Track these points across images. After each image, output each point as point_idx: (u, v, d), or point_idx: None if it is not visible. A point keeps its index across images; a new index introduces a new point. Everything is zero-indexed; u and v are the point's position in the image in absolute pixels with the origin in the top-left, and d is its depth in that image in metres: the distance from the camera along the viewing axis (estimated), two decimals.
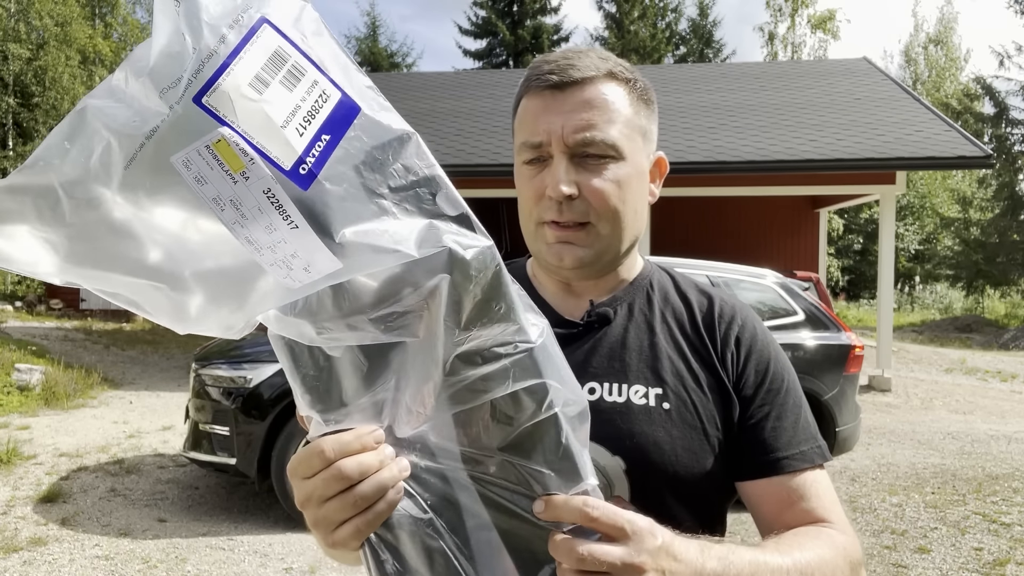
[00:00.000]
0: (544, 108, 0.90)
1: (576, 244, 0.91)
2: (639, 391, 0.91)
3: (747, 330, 0.98)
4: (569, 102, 0.89)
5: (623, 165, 0.91)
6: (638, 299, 0.99)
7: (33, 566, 4.05)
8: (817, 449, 0.93)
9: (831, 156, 9.74)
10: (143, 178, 0.52)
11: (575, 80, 0.89)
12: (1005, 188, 21.97)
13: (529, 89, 0.93)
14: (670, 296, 1.01)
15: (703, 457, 0.89)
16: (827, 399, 5.16)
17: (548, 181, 0.89)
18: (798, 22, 30.10)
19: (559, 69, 0.90)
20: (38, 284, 22.67)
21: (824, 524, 0.88)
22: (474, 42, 33.05)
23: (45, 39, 24.33)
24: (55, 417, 7.71)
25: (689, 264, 5.57)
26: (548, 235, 0.92)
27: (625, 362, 0.93)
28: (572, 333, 0.95)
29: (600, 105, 0.89)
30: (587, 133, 0.88)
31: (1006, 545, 4.44)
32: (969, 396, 9.73)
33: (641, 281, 1.01)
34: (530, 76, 0.93)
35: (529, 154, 0.92)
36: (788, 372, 0.97)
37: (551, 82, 0.90)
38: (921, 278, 28.45)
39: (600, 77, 0.90)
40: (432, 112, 12.57)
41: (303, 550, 4.32)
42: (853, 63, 14.41)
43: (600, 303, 0.97)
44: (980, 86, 22.89)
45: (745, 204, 13.82)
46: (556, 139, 0.89)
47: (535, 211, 0.92)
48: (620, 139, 0.90)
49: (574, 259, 0.92)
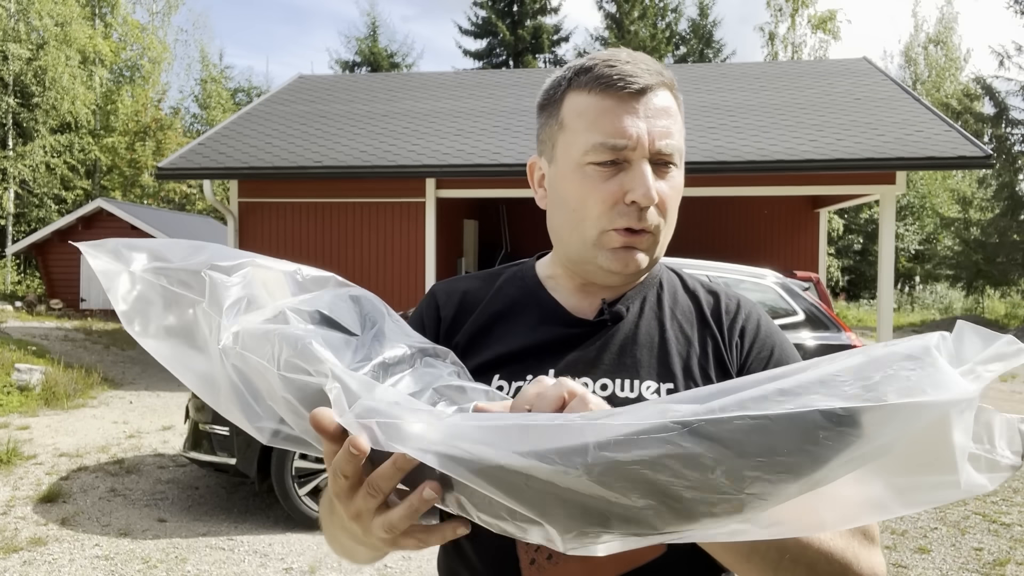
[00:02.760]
0: (624, 111, 0.89)
1: (640, 250, 0.92)
2: (651, 386, 0.93)
3: (751, 320, 1.00)
4: (649, 108, 0.89)
5: (680, 173, 0.93)
6: (649, 297, 1.01)
7: (33, 566, 4.05)
8: None
9: (831, 156, 9.74)
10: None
11: (650, 86, 0.89)
12: (1005, 188, 21.96)
13: (599, 87, 0.90)
14: (678, 293, 1.03)
15: None
16: None
17: (633, 186, 0.88)
18: (798, 22, 30.11)
19: (636, 72, 0.89)
20: (38, 284, 22.67)
21: None
22: (474, 42, 33.07)
23: (45, 39, 24.32)
24: (55, 417, 7.71)
25: (689, 264, 5.57)
26: (614, 240, 0.91)
27: (637, 358, 0.95)
28: (584, 332, 0.96)
29: (672, 113, 0.91)
30: (668, 140, 0.89)
31: (1006, 545, 4.44)
32: None
33: (651, 280, 1.03)
34: (600, 75, 0.90)
35: (607, 155, 0.89)
36: (793, 359, 0.98)
37: (633, 86, 0.89)
38: (921, 278, 28.44)
39: (665, 84, 0.92)
40: (432, 112, 12.57)
41: (303, 550, 4.32)
42: (853, 63, 14.40)
43: (612, 301, 0.98)
44: (980, 86, 22.87)
45: (745, 204, 13.82)
46: (642, 144, 0.88)
47: (605, 216, 0.90)
48: (682, 148, 0.92)
49: (637, 265, 0.92)
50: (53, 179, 25.56)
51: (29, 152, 24.51)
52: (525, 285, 1.03)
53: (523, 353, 0.95)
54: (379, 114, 12.67)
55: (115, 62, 28.92)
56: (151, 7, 30.89)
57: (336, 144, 11.23)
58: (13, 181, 24.42)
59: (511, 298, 1.02)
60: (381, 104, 13.30)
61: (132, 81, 29.98)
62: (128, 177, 28.54)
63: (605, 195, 0.89)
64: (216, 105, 32.48)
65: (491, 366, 0.95)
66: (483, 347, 0.97)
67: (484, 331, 0.99)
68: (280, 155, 10.81)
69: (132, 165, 28.40)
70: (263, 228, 11.39)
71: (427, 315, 1.03)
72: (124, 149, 28.25)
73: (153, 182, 28.24)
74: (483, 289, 1.04)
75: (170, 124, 29.73)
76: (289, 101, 13.72)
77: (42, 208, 25.43)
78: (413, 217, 10.85)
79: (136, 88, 29.44)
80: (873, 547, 0.84)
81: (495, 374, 0.94)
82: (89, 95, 26.17)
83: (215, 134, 12.02)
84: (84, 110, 25.78)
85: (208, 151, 11.23)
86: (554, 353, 0.95)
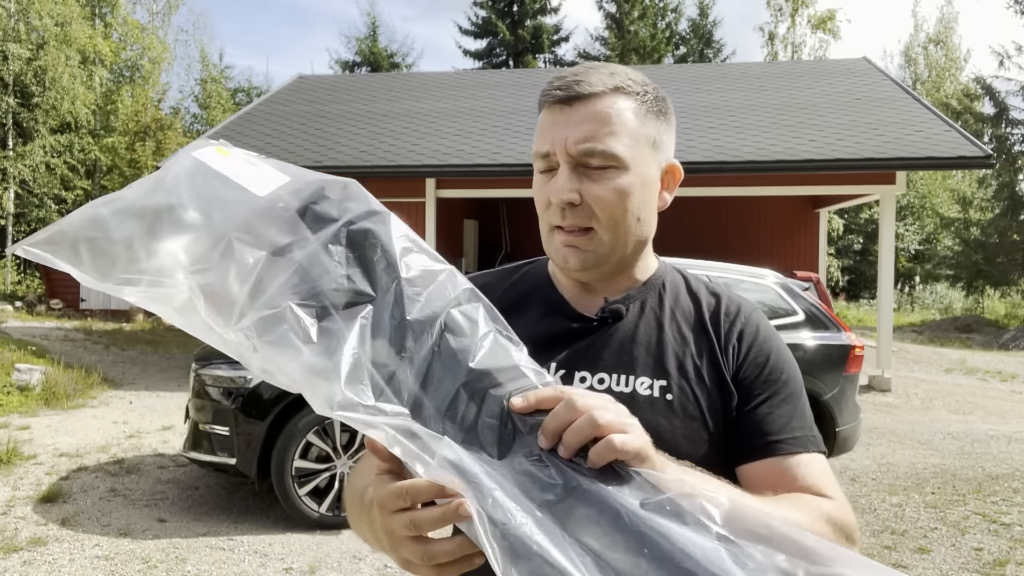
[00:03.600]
0: (553, 121, 0.97)
1: (578, 248, 0.98)
2: (644, 382, 0.98)
3: (750, 325, 1.04)
4: (575, 116, 0.96)
5: (626, 174, 0.96)
6: (650, 297, 1.06)
7: (33, 566, 4.05)
8: (812, 437, 0.98)
9: (831, 156, 9.74)
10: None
11: (582, 95, 0.96)
12: (1005, 188, 21.96)
13: (543, 104, 1.00)
14: (681, 295, 1.08)
15: (700, 445, 0.96)
16: (827, 399, 5.16)
17: (552, 189, 0.96)
18: (798, 22, 30.10)
19: (567, 85, 0.97)
20: (38, 284, 22.67)
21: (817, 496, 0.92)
22: (474, 42, 33.07)
23: (45, 39, 24.31)
24: (55, 417, 7.72)
25: (689, 264, 5.57)
26: (556, 239, 0.99)
27: (633, 355, 1.00)
28: (586, 327, 1.02)
29: (604, 119, 0.95)
30: (588, 144, 0.94)
31: (1006, 545, 4.44)
32: (969, 396, 9.73)
33: (654, 281, 1.08)
34: (544, 91, 1.00)
35: (541, 164, 0.99)
36: (788, 366, 1.03)
37: (558, 97, 0.97)
38: (921, 278, 28.43)
39: (607, 92, 0.96)
40: (432, 112, 12.57)
41: (303, 550, 4.32)
42: (853, 63, 14.40)
43: (614, 300, 1.03)
44: (980, 86, 22.88)
45: (745, 204, 13.82)
46: (560, 150, 0.96)
47: (546, 216, 1.00)
48: (623, 150, 0.95)
49: (577, 262, 0.99)
50: (53, 179, 25.55)
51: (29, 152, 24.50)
52: (537, 281, 1.10)
53: (528, 344, 0.99)
54: (379, 114, 12.67)
55: (115, 62, 28.91)
56: (151, 7, 30.89)
57: (336, 144, 11.23)
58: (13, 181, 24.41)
59: (522, 292, 1.09)
60: (381, 104, 13.30)
61: (132, 81, 29.98)
62: (128, 177, 28.52)
63: (542, 198, 1.00)
64: (216, 105, 32.47)
65: None
66: None
67: None
68: (280, 155, 10.81)
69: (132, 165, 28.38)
70: None
71: None
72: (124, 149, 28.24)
73: None
74: (500, 283, 1.11)
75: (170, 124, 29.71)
76: (289, 101, 13.72)
77: (42, 208, 25.42)
78: (413, 217, 10.85)
79: (136, 88, 29.44)
80: (850, 544, 0.89)
81: None
82: (89, 95, 26.16)
83: (215, 134, 12.02)
84: (84, 110, 25.78)
85: None
86: (557, 346, 1.01)
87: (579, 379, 0.98)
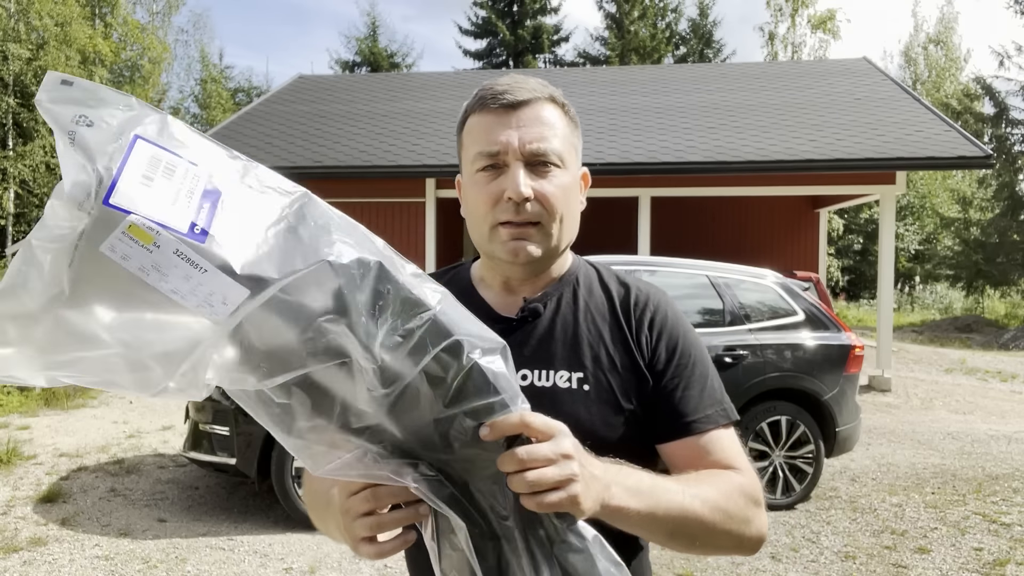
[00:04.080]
0: (498, 123, 1.04)
1: (529, 241, 1.04)
2: (563, 375, 1.06)
3: (659, 313, 1.11)
4: (522, 118, 1.03)
5: (565, 174, 1.05)
6: (565, 294, 1.13)
7: (33, 566, 4.05)
8: (722, 411, 1.08)
9: (831, 156, 9.74)
10: (83, 269, 0.67)
11: (525, 100, 1.04)
12: (1005, 188, 21.96)
13: (482, 107, 1.06)
14: (594, 288, 1.14)
15: (618, 429, 1.04)
16: (827, 399, 5.16)
17: (506, 185, 1.02)
18: (798, 22, 30.11)
19: (511, 90, 1.04)
20: None
21: (729, 469, 1.03)
22: (474, 42, 33.04)
23: (45, 39, 24.33)
24: (55, 417, 7.72)
25: (689, 264, 5.57)
26: (503, 235, 1.04)
27: (551, 351, 1.07)
28: (506, 328, 1.07)
29: (547, 122, 1.04)
30: (540, 144, 1.02)
31: (1006, 545, 4.44)
32: (969, 396, 9.73)
33: (568, 277, 1.15)
34: (483, 96, 1.06)
35: (485, 162, 1.04)
36: (695, 347, 1.11)
37: (505, 101, 1.03)
38: (921, 278, 28.43)
39: (544, 100, 1.05)
40: (432, 112, 12.57)
41: (303, 550, 4.32)
42: (853, 63, 14.40)
43: (532, 300, 1.10)
44: (980, 86, 22.88)
45: (745, 204, 13.81)
46: (513, 149, 1.02)
47: (491, 214, 1.04)
48: (563, 151, 1.05)
49: (527, 255, 1.05)
50: (53, 179, 25.54)
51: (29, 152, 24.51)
52: (461, 286, 1.15)
53: None
54: (379, 114, 12.67)
55: (115, 62, 28.92)
56: (151, 7, 30.91)
57: (336, 144, 11.23)
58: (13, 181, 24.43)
59: None
60: (381, 104, 13.30)
61: (132, 81, 29.98)
62: None
63: (488, 196, 1.04)
64: (216, 105, 32.47)
65: None
66: None
67: None
68: (280, 155, 10.81)
69: None
70: None
71: None
72: None
73: None
74: None
75: None
76: (289, 101, 13.72)
77: (42, 208, 25.38)
78: (413, 217, 10.85)
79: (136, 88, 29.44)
80: (759, 509, 1.02)
81: None
82: None
83: (215, 134, 12.02)
84: None
85: None
86: None
87: None
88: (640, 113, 12.04)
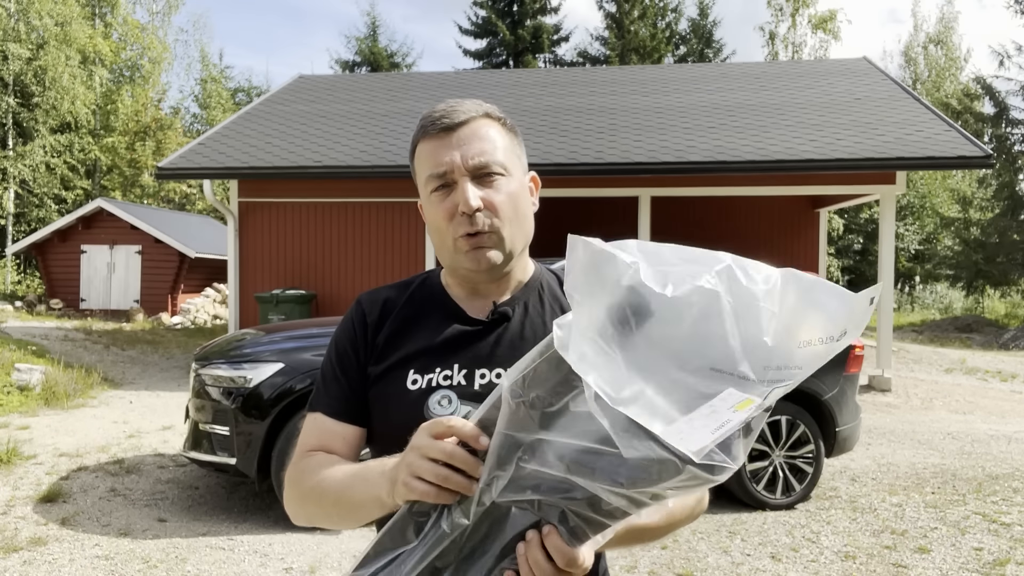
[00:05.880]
0: (440, 145, 1.12)
1: (487, 247, 1.11)
2: None
3: None
4: (462, 137, 1.11)
5: (511, 181, 1.13)
6: (531, 298, 1.21)
7: (33, 566, 4.05)
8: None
9: (831, 156, 9.73)
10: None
11: (462, 121, 1.12)
12: (1005, 188, 21.97)
13: (425, 134, 1.14)
14: (557, 293, 1.22)
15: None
16: (827, 399, 5.16)
17: (458, 200, 1.10)
18: (799, 22, 30.10)
19: (447, 114, 1.13)
20: (38, 284, 22.68)
21: None
22: (474, 42, 33.04)
23: (45, 39, 24.32)
24: (55, 417, 7.72)
25: None
26: (464, 246, 1.11)
27: (523, 352, 1.12)
28: (479, 330, 1.16)
29: (485, 137, 1.12)
30: (481, 158, 1.10)
31: (1006, 545, 4.44)
32: (969, 396, 9.73)
33: (533, 282, 1.23)
34: (424, 125, 1.14)
35: (436, 183, 1.12)
36: None
37: (444, 125, 1.12)
38: (921, 278, 28.43)
39: (480, 117, 1.14)
40: None
41: (303, 550, 4.32)
42: (853, 63, 14.40)
43: (501, 303, 1.18)
44: (980, 86, 22.89)
45: (745, 204, 13.81)
46: (457, 166, 1.10)
47: (450, 229, 1.12)
48: (505, 160, 1.13)
49: (488, 261, 1.12)
50: (53, 179, 25.55)
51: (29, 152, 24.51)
52: (433, 291, 1.23)
53: (431, 349, 1.15)
54: (379, 114, 12.67)
55: (115, 62, 28.92)
56: (151, 7, 30.89)
57: (336, 144, 11.22)
58: (13, 181, 24.42)
59: (420, 302, 1.22)
60: (381, 104, 13.30)
61: (132, 81, 29.98)
62: (128, 177, 28.54)
63: (444, 212, 1.12)
64: (216, 105, 32.48)
65: (406, 361, 1.15)
66: (399, 346, 1.17)
67: (399, 332, 1.19)
68: (280, 155, 10.81)
69: (132, 165, 28.40)
70: (263, 228, 11.39)
71: (356, 321, 1.22)
72: (124, 149, 28.24)
73: (153, 182, 28.23)
74: (400, 295, 1.24)
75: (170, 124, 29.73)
76: (289, 101, 13.71)
77: (42, 208, 25.41)
78: (413, 217, 10.85)
79: (136, 88, 29.44)
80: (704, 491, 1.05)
81: (410, 368, 1.14)
82: (89, 95, 26.16)
83: (215, 134, 12.02)
84: (84, 110, 25.78)
85: (208, 151, 11.23)
86: (456, 348, 1.15)
87: (479, 375, 1.11)
88: (640, 113, 12.03)
